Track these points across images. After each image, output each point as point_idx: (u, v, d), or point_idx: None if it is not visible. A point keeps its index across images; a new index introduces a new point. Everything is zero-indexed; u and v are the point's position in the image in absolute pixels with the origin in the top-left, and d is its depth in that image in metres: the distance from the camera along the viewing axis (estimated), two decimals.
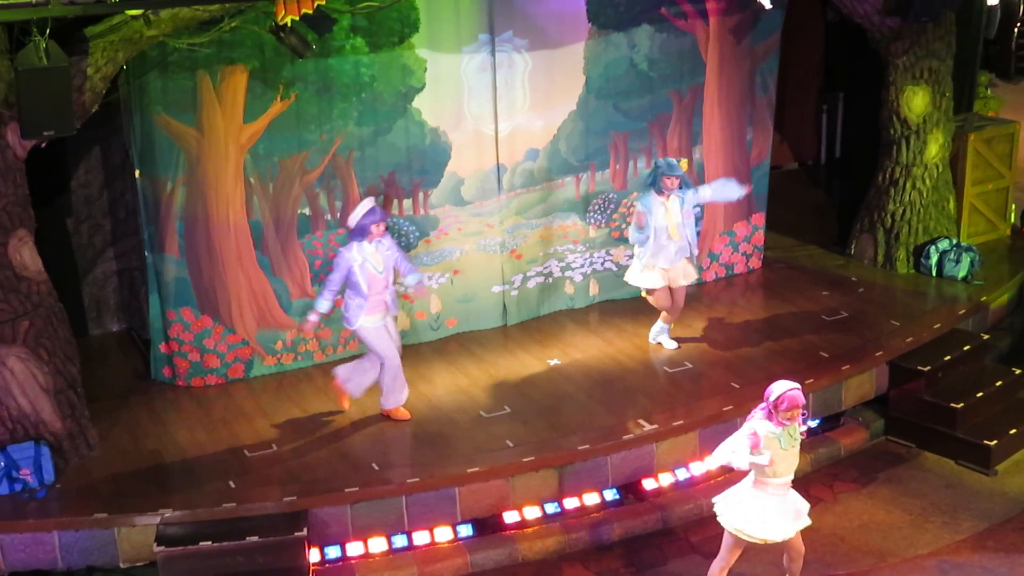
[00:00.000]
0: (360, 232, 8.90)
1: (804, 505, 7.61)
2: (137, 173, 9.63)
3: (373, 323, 9.11)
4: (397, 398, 9.37)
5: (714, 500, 7.73)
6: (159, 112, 9.34)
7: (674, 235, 9.95)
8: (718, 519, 7.63)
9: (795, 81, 14.38)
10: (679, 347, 10.47)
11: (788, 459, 7.37)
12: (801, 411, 7.32)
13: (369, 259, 8.95)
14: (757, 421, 7.36)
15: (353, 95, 9.91)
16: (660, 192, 9.87)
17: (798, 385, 7.34)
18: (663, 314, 10.36)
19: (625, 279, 10.36)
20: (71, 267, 10.70)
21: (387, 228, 9.10)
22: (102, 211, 10.76)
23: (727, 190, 10.32)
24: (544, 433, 9.15)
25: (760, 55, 11.51)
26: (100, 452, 8.98)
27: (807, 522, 7.61)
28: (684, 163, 9.93)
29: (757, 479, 7.44)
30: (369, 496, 8.49)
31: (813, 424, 10.00)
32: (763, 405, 7.38)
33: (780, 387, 7.32)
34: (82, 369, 9.07)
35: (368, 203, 8.95)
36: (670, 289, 10.19)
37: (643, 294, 10.25)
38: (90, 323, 10.95)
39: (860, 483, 9.56)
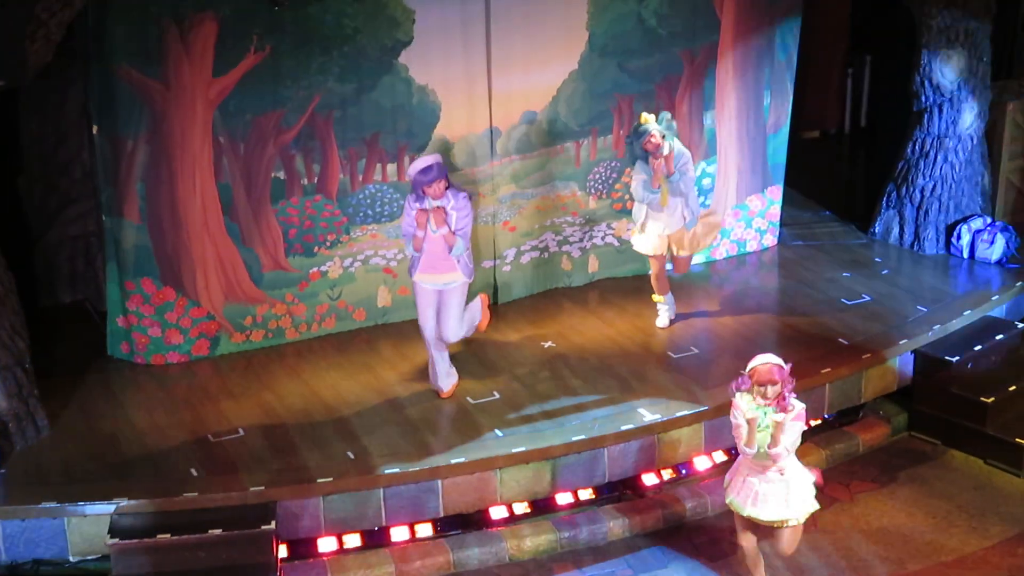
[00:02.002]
0: (413, 188, 8.97)
1: (797, 505, 7.65)
2: (95, 129, 9.56)
3: (423, 282, 9.16)
4: (436, 382, 9.48)
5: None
6: (120, 63, 9.26)
7: (663, 202, 9.95)
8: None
9: (818, 42, 14.30)
10: (668, 326, 10.51)
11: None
12: (775, 391, 7.41)
13: None
14: (738, 396, 7.59)
15: (334, 48, 9.84)
16: (647, 159, 9.88)
17: (778, 361, 7.48)
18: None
19: (632, 244, 10.40)
20: (21, 232, 10.65)
21: (449, 186, 8.98)
22: (57, 170, 10.70)
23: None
24: (536, 422, 9.13)
25: (780, 13, 11.46)
26: (49, 435, 8.94)
27: (788, 516, 7.65)
28: (644, 117, 9.89)
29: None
30: (344, 488, 8.47)
31: (828, 417, 10.00)
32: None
33: (755, 360, 7.53)
34: (31, 344, 9.01)
35: (427, 160, 8.97)
36: (668, 258, 10.25)
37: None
38: (41, 293, 10.90)
39: (880, 483, 9.56)
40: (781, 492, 7.62)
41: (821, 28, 14.25)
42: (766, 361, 7.49)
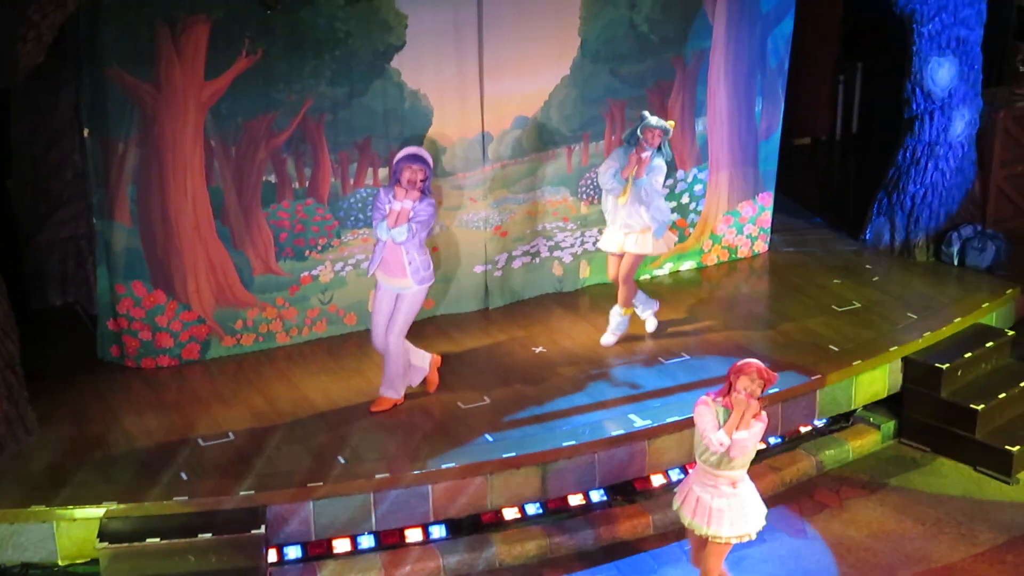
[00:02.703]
0: (392, 174, 8.97)
1: (753, 519, 7.56)
2: (86, 132, 9.54)
3: (381, 281, 9.14)
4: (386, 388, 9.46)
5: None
6: (112, 65, 9.23)
7: (620, 200, 9.96)
8: None
9: (810, 49, 14.32)
10: (655, 331, 10.51)
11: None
12: (759, 390, 7.36)
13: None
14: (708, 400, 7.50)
15: (326, 52, 9.82)
16: (633, 147, 9.86)
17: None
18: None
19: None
20: (12, 234, 10.62)
21: (425, 183, 8.91)
22: (48, 172, 10.66)
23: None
24: (527, 427, 9.13)
25: (772, 19, 11.46)
26: (39, 438, 8.91)
27: (748, 531, 7.56)
28: (672, 124, 9.93)
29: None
30: (334, 492, 8.46)
31: (819, 423, 10.01)
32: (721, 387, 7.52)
33: (747, 360, 7.47)
34: (21, 347, 8.97)
35: (414, 148, 9.06)
36: (619, 259, 10.22)
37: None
38: (31, 296, 10.87)
39: (869, 489, 9.57)
40: (737, 506, 7.50)
41: (813, 35, 14.27)
42: (759, 364, 7.42)
